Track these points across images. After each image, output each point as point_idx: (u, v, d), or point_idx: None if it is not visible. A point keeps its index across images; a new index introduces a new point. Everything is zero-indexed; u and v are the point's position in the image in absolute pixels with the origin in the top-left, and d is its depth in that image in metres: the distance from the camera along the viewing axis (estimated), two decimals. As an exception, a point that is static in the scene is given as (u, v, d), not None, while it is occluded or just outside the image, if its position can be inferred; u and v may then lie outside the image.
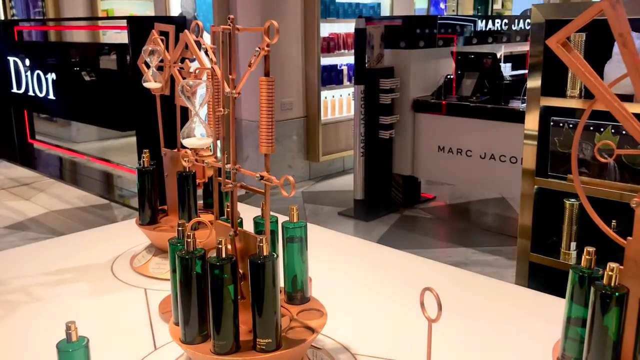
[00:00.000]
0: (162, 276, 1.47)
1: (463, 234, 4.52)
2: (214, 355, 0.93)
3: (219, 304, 0.91)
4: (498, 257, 4.09)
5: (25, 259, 1.62)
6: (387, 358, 1.11)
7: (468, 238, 4.40)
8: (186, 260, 0.93)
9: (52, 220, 4.80)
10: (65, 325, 0.88)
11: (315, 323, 1.01)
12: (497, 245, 4.29)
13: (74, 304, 1.36)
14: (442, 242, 4.50)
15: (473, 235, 4.49)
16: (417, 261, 1.62)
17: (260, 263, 0.91)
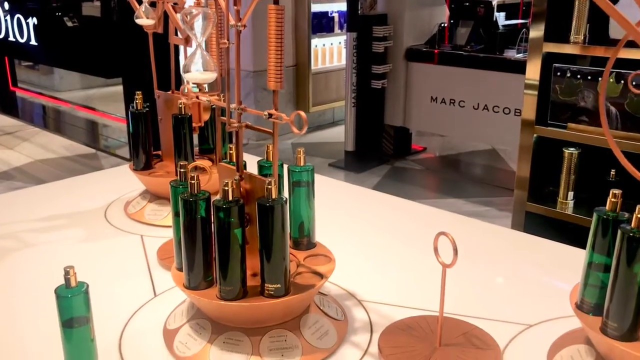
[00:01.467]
0: (158, 223, 1.42)
1: (454, 186, 4.51)
2: (220, 301, 0.89)
3: (225, 249, 0.87)
4: (489, 208, 4.09)
5: (14, 205, 1.56)
6: (394, 304, 1.08)
7: (459, 189, 4.40)
8: (190, 203, 0.89)
9: (37, 170, 4.71)
10: (64, 270, 0.84)
11: (323, 269, 0.98)
12: (487, 197, 4.29)
13: (68, 250, 1.31)
14: (432, 193, 4.49)
15: (464, 186, 4.48)
16: (421, 209, 1.59)
17: (269, 206, 0.86)
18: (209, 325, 0.95)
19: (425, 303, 1.09)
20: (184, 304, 1.03)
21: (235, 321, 0.93)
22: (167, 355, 0.94)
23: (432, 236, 1.38)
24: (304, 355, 0.91)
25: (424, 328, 0.98)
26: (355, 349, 0.96)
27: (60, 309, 0.84)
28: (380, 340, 0.95)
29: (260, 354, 0.90)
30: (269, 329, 0.93)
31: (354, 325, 1.02)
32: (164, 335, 0.99)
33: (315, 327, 0.96)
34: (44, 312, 1.06)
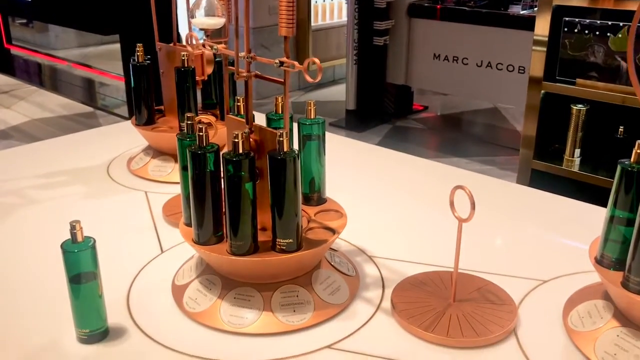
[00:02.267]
0: (162, 179, 1.39)
1: (455, 145, 4.48)
2: (231, 256, 0.87)
3: (236, 203, 0.85)
4: (491, 167, 4.07)
5: (16, 162, 1.53)
6: (404, 260, 1.07)
7: (460, 148, 4.36)
8: (199, 156, 0.86)
9: (34, 129, 4.66)
10: (70, 224, 0.81)
11: (335, 224, 0.96)
12: (490, 155, 4.26)
13: (71, 206, 1.29)
14: (434, 152, 4.46)
15: (465, 145, 4.45)
16: (430, 165, 1.56)
17: (281, 159, 0.83)
18: (218, 280, 0.93)
19: (437, 259, 1.07)
20: (192, 260, 1.01)
21: (246, 277, 0.91)
22: (177, 311, 0.93)
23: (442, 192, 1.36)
24: (316, 311, 0.90)
25: (437, 284, 0.97)
26: (368, 305, 0.94)
27: (67, 265, 0.82)
28: (393, 295, 0.94)
29: (272, 310, 0.89)
30: (280, 285, 0.91)
31: (365, 281, 1.01)
32: (173, 292, 0.97)
33: (326, 282, 0.94)
34: (51, 268, 1.05)
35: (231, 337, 0.87)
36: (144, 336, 0.88)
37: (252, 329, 0.87)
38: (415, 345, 0.85)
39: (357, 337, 0.87)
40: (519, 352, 0.84)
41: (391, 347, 0.85)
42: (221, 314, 0.89)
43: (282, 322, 0.88)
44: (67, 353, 0.84)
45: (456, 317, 0.88)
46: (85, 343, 0.85)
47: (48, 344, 0.86)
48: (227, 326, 0.88)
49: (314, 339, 0.87)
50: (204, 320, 0.89)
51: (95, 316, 0.85)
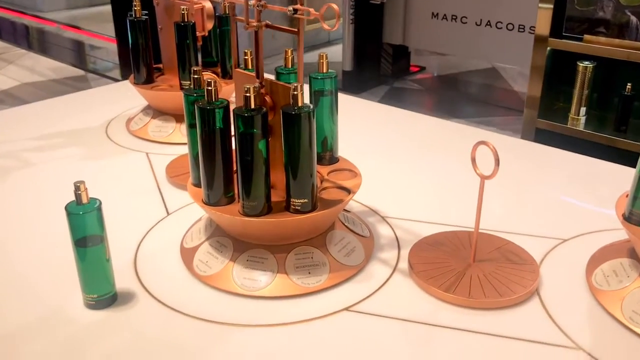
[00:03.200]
0: (163, 139, 1.35)
1: (454, 106, 4.42)
2: (244, 217, 0.83)
3: (248, 162, 0.80)
4: (491, 127, 4.02)
5: (9, 124, 1.48)
6: (418, 220, 1.03)
7: (459, 109, 4.31)
8: (208, 112, 0.81)
9: (25, 93, 4.56)
10: (74, 185, 0.77)
11: (349, 183, 0.92)
12: (488, 116, 4.22)
13: (70, 169, 1.24)
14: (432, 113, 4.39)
15: (463, 106, 4.40)
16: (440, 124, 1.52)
17: (295, 114, 0.79)
18: (230, 243, 0.89)
19: (453, 219, 1.04)
20: (200, 222, 0.98)
21: (259, 238, 0.87)
22: (187, 274, 0.90)
23: (455, 151, 1.32)
24: (331, 273, 0.87)
25: (455, 244, 0.94)
26: (384, 266, 0.91)
27: (72, 228, 0.78)
28: (410, 256, 0.91)
29: (286, 272, 0.86)
30: (294, 246, 0.88)
31: (379, 242, 0.97)
32: (182, 254, 0.94)
33: (341, 243, 0.91)
34: (54, 232, 1.01)
35: (245, 300, 0.84)
36: (154, 300, 0.84)
37: (266, 292, 0.84)
38: (436, 306, 0.83)
39: (375, 299, 0.84)
40: (542, 313, 0.81)
41: (411, 309, 0.82)
42: (234, 276, 0.86)
43: (297, 284, 0.85)
44: (75, 319, 0.81)
45: (477, 278, 0.85)
46: (93, 308, 0.82)
47: (54, 310, 0.82)
48: (240, 289, 0.85)
49: (331, 301, 0.84)
50: (216, 283, 0.86)
51: (103, 281, 0.81)
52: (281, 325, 0.80)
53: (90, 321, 0.80)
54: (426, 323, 0.79)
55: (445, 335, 0.77)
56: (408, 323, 0.80)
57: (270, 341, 0.77)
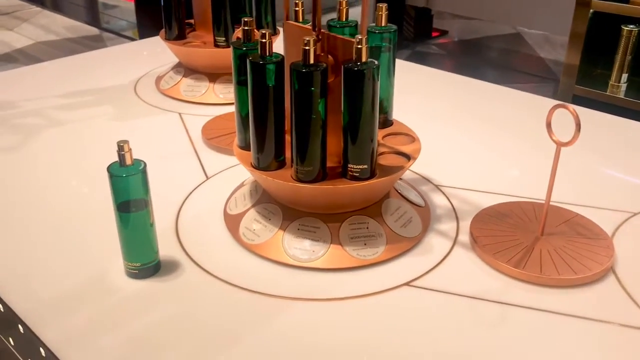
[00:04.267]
0: (195, 99, 1.28)
1: (476, 71, 4.30)
2: (297, 183, 0.77)
3: (305, 124, 0.74)
4: (517, 94, 3.91)
5: (32, 80, 1.41)
6: (474, 189, 0.97)
7: (482, 75, 4.19)
8: (262, 68, 0.74)
9: (40, 52, 4.48)
10: (117, 145, 0.71)
11: (408, 149, 0.85)
12: (512, 83, 4.10)
13: (100, 128, 1.18)
14: (455, 79, 4.29)
15: (487, 72, 4.28)
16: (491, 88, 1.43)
17: (359, 71, 0.71)
18: (278, 210, 0.83)
19: (512, 189, 0.97)
20: (244, 187, 0.91)
21: (311, 206, 0.81)
22: (232, 242, 0.84)
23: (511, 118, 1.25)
24: (388, 244, 0.81)
25: (520, 215, 0.87)
26: (443, 238, 0.85)
27: (115, 191, 0.72)
28: (472, 228, 0.85)
29: (340, 242, 0.80)
30: (348, 216, 0.82)
31: (435, 212, 0.91)
32: (226, 221, 0.88)
33: (397, 213, 0.85)
34: (91, 195, 0.95)
35: (297, 271, 0.78)
36: (200, 269, 0.79)
37: (319, 264, 0.78)
38: (504, 283, 0.76)
39: (437, 274, 0.78)
40: (621, 292, 0.75)
41: (478, 286, 0.76)
42: (284, 246, 0.80)
43: (352, 256, 0.79)
44: (117, 288, 0.75)
45: (547, 253, 0.79)
46: (136, 278, 0.77)
47: (94, 279, 0.77)
48: (291, 260, 0.79)
49: (390, 275, 0.78)
50: (264, 252, 0.80)
51: (147, 248, 0.76)
52: (337, 300, 0.74)
53: (134, 290, 0.75)
54: (496, 301, 0.73)
55: (518, 314, 0.72)
56: (476, 300, 0.74)
57: (326, 317, 0.71)
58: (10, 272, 0.78)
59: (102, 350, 0.66)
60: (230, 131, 1.13)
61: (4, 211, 0.92)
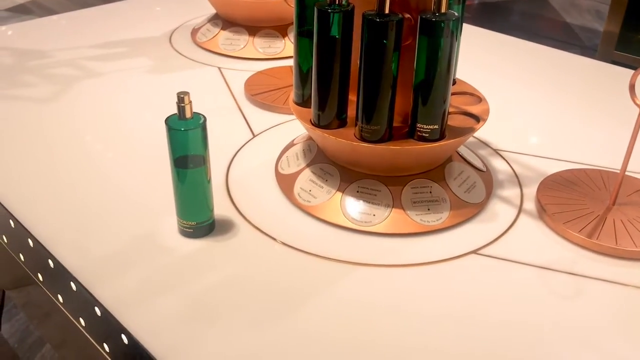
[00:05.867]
0: (234, 54, 1.23)
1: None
2: (361, 142, 0.73)
3: (375, 79, 0.69)
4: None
5: (65, 29, 1.36)
6: (536, 155, 0.92)
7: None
8: (331, 17, 0.69)
9: (56, 4, 4.38)
10: (177, 96, 0.67)
11: (476, 109, 0.80)
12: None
13: (137, 81, 1.14)
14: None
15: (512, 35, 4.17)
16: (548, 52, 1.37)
17: (438, 23, 0.66)
18: (336, 171, 0.79)
19: (575, 155, 0.93)
20: (296, 146, 0.87)
21: (373, 168, 0.77)
22: (286, 202, 0.80)
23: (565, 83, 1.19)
24: (452, 210, 0.77)
25: (587, 183, 0.83)
26: (508, 205, 0.81)
27: (173, 145, 0.68)
28: (539, 195, 0.80)
29: (402, 207, 0.76)
30: (410, 179, 0.78)
31: (497, 177, 0.87)
32: (278, 181, 0.84)
33: (460, 178, 0.80)
34: (134, 149, 0.92)
35: (357, 235, 0.75)
36: (255, 230, 0.76)
37: (381, 228, 0.75)
38: (576, 253, 0.73)
39: (505, 242, 0.75)
40: (700, 267, 0.71)
41: (548, 256, 0.72)
42: (343, 208, 0.76)
43: (415, 221, 0.75)
44: (171, 248, 0.72)
45: (621, 223, 0.75)
46: (190, 237, 0.73)
47: (147, 236, 0.74)
48: (351, 223, 0.75)
49: (455, 242, 0.74)
50: (322, 215, 0.77)
51: (203, 206, 0.72)
52: (402, 267, 0.71)
53: (189, 250, 0.72)
54: (569, 272, 0.70)
55: (593, 287, 0.68)
56: (547, 271, 0.70)
57: (391, 284, 0.68)
58: (59, 228, 0.75)
59: (159, 311, 0.64)
60: (274, 87, 1.09)
61: (50, 165, 0.88)
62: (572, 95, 1.14)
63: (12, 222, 0.78)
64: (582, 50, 3.63)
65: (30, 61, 1.20)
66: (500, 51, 1.36)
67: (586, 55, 3.41)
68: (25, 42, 1.28)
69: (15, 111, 1.02)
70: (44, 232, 0.74)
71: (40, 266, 0.76)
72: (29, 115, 1.00)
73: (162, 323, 0.62)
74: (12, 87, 1.09)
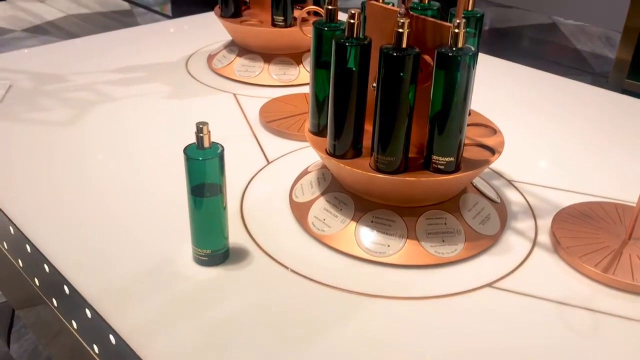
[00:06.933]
0: (250, 80, 1.24)
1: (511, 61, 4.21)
2: (377, 173, 0.73)
3: (392, 110, 0.69)
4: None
5: (80, 54, 1.38)
6: (550, 187, 0.92)
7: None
8: (348, 50, 0.70)
9: (71, 25, 4.45)
10: (196, 126, 0.68)
11: (491, 141, 0.81)
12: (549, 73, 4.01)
13: (155, 106, 1.15)
14: (489, 68, 4.20)
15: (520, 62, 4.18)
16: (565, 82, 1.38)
17: (455, 57, 0.67)
18: (350, 200, 0.80)
19: (589, 187, 0.92)
20: (310, 174, 0.88)
21: (388, 198, 0.77)
22: (300, 231, 0.80)
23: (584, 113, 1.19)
24: (467, 242, 0.77)
25: (602, 216, 0.83)
26: (522, 238, 0.81)
27: (190, 173, 0.69)
28: (555, 228, 0.80)
29: (417, 238, 0.76)
30: (425, 210, 0.78)
31: (511, 209, 0.87)
32: (293, 209, 0.84)
33: (475, 209, 0.80)
34: (152, 176, 0.92)
35: (371, 266, 0.75)
36: (269, 259, 0.76)
37: (396, 259, 0.75)
38: (592, 288, 0.72)
39: (520, 275, 0.74)
40: None
41: (563, 290, 0.72)
42: (357, 238, 0.76)
43: (430, 253, 0.75)
44: (186, 276, 0.72)
45: (637, 258, 0.75)
46: (205, 265, 0.73)
47: (162, 264, 0.74)
48: (365, 254, 0.75)
49: (471, 275, 0.74)
50: (336, 244, 0.77)
51: (218, 235, 0.73)
52: (416, 299, 0.70)
53: (204, 279, 0.72)
54: (586, 307, 0.69)
55: (610, 323, 0.67)
56: (563, 306, 0.70)
57: (406, 316, 0.68)
58: (75, 254, 0.76)
59: (174, 340, 0.64)
60: (289, 114, 1.10)
61: (66, 190, 0.89)
62: (586, 125, 1.14)
63: (28, 247, 0.79)
64: (593, 77, 3.63)
65: (48, 85, 1.22)
66: (512, 80, 1.36)
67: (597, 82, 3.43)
68: (44, 65, 1.30)
69: (34, 135, 1.03)
70: (60, 258, 0.75)
71: (55, 291, 0.76)
72: (47, 139, 1.02)
73: (176, 352, 0.62)
74: (31, 111, 1.11)
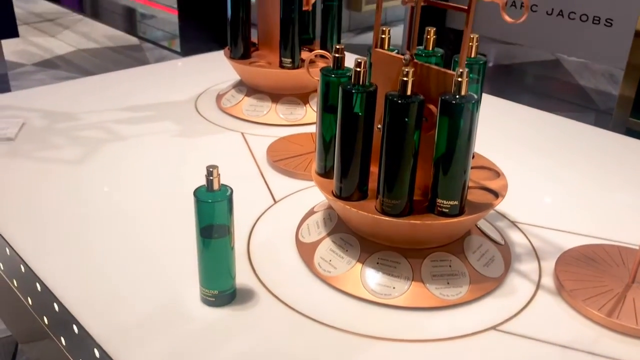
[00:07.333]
0: (258, 119, 1.26)
1: (513, 97, 4.24)
2: (382, 215, 0.74)
3: (397, 155, 0.71)
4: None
5: (90, 93, 1.41)
6: (554, 228, 0.93)
7: (519, 102, 4.14)
8: (354, 97, 0.72)
9: (81, 59, 4.54)
10: (206, 169, 0.69)
11: (494, 185, 0.82)
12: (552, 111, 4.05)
13: (164, 145, 1.17)
14: (493, 104, 4.24)
15: (524, 98, 4.22)
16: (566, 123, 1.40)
17: (458, 105, 0.69)
18: (356, 242, 0.81)
19: (591, 228, 0.93)
20: (317, 214, 0.89)
21: (393, 240, 0.79)
22: (306, 271, 0.81)
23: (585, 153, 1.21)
24: (472, 284, 0.78)
25: (606, 260, 0.83)
26: (525, 280, 0.81)
27: (200, 215, 0.71)
28: (558, 271, 0.81)
29: (422, 280, 0.77)
30: (430, 252, 0.79)
31: (515, 251, 0.88)
32: (299, 249, 0.85)
33: (479, 251, 0.81)
34: (158, 216, 0.94)
35: (376, 308, 0.76)
36: (276, 300, 0.77)
37: (401, 301, 0.75)
38: (596, 332, 0.73)
39: (524, 318, 0.75)
40: None
41: (568, 334, 0.72)
42: (363, 280, 0.77)
43: (435, 295, 0.76)
44: (193, 317, 0.73)
45: (641, 303, 0.75)
46: (212, 305, 0.74)
47: (168, 305, 0.75)
48: (371, 295, 0.76)
49: (475, 317, 0.75)
50: (342, 286, 0.78)
51: (226, 276, 0.74)
52: (421, 342, 0.71)
53: (211, 319, 0.73)
54: (590, 352, 0.70)
55: (614, 368, 0.68)
56: (568, 350, 0.70)
57: (410, 359, 0.68)
58: (84, 294, 0.77)
59: (181, 382, 0.64)
60: (296, 154, 1.12)
61: (75, 230, 0.90)
62: (588, 166, 1.15)
63: (38, 286, 0.80)
64: (597, 114, 3.66)
65: (59, 123, 1.24)
66: (515, 120, 1.38)
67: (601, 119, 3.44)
68: (56, 103, 1.33)
69: (44, 173, 1.05)
70: (70, 297, 0.76)
71: (64, 330, 0.77)
72: (57, 177, 1.04)
73: (183, 394, 0.63)
74: (42, 149, 1.13)
